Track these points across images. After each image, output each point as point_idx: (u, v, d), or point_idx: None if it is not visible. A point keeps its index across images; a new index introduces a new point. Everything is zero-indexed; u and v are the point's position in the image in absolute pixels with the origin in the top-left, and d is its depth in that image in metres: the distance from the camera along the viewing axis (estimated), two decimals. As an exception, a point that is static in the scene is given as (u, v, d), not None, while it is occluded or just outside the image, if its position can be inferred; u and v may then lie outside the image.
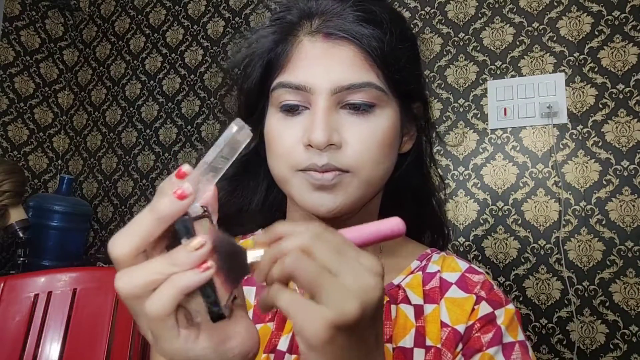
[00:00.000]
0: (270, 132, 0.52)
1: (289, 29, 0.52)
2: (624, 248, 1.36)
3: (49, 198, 1.92)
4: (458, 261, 0.59)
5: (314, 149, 0.48)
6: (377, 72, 0.49)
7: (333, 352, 0.30)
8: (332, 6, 0.51)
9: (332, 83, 0.48)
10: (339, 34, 0.49)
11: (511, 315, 0.55)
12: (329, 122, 0.48)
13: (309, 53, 0.50)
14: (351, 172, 0.49)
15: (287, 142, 0.50)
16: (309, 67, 0.49)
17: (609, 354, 1.33)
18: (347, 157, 0.48)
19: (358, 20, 0.49)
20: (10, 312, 0.99)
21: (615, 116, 1.41)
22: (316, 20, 0.51)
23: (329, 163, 0.48)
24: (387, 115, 0.51)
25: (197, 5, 2.10)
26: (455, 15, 1.66)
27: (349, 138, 0.49)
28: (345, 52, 0.49)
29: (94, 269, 1.50)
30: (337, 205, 0.49)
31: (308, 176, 0.49)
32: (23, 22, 2.11)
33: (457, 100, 1.62)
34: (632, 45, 1.42)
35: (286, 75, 0.50)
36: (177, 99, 2.07)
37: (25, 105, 2.11)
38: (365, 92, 0.49)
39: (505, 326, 0.53)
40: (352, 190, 0.49)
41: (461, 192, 1.57)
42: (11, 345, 0.97)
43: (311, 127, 0.48)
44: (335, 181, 0.48)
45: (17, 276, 1.08)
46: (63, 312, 1.03)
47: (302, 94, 0.49)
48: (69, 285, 1.06)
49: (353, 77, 0.48)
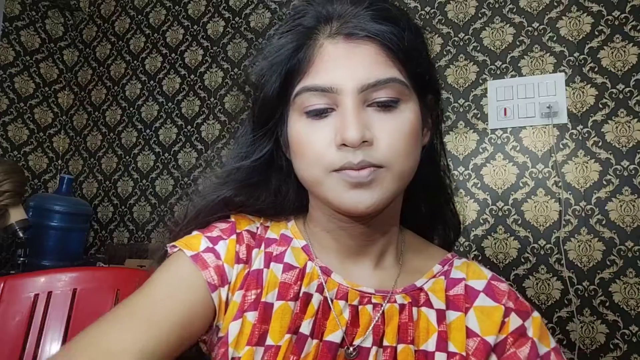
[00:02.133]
0: (298, 137, 0.53)
1: (307, 34, 0.53)
2: (624, 248, 1.36)
3: (49, 198, 1.92)
4: (482, 269, 0.60)
5: (347, 147, 0.48)
6: (399, 68, 0.51)
7: None
8: (348, 8, 0.52)
9: (358, 81, 0.49)
10: (360, 33, 0.50)
11: (539, 324, 0.55)
12: (360, 119, 0.49)
13: (332, 55, 0.51)
14: (385, 167, 0.50)
15: (318, 145, 0.50)
16: (334, 68, 0.50)
17: (609, 354, 1.33)
18: (380, 152, 0.49)
19: (375, 18, 0.50)
20: (10, 312, 0.99)
21: (615, 116, 1.41)
22: (335, 23, 0.52)
23: (364, 160, 0.48)
24: (411, 108, 0.52)
25: (197, 5, 2.10)
26: (455, 15, 1.66)
27: (379, 134, 0.50)
28: (368, 51, 0.50)
29: (94, 269, 1.50)
30: (374, 201, 0.50)
31: (344, 175, 0.49)
32: (23, 22, 2.11)
33: (457, 100, 1.62)
34: (632, 45, 1.42)
35: (310, 79, 0.51)
36: (177, 99, 2.08)
37: (25, 105, 2.11)
38: (390, 87, 0.50)
39: (537, 338, 0.54)
40: (388, 184, 0.50)
41: (461, 192, 1.57)
42: (11, 345, 0.97)
43: (343, 126, 0.48)
44: (372, 177, 0.49)
45: (17, 276, 1.08)
46: (63, 312, 1.03)
47: (329, 95, 0.50)
48: (69, 285, 1.06)
49: (378, 74, 0.49)
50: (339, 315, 0.53)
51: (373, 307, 0.54)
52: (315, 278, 0.56)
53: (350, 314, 0.53)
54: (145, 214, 2.05)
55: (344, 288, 0.55)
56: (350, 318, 0.53)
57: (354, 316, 0.53)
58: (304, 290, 0.54)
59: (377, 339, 0.52)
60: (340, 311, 0.53)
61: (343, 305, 0.54)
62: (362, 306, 0.54)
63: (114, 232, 2.11)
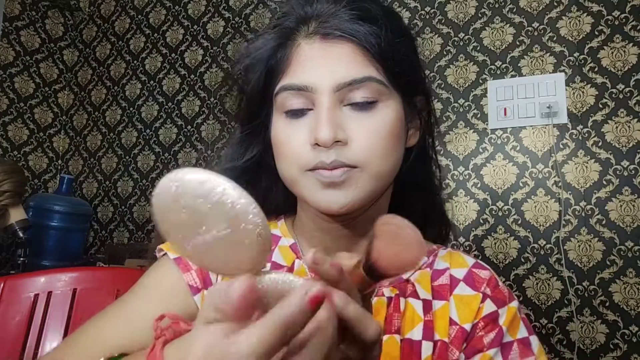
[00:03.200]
0: (277, 136, 0.53)
1: (287, 34, 0.53)
2: (624, 248, 1.36)
3: (49, 198, 1.92)
4: (464, 257, 0.60)
5: (320, 147, 0.49)
6: (376, 67, 0.50)
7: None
8: (327, 8, 0.52)
9: (334, 81, 0.49)
10: (335, 33, 0.50)
11: (513, 313, 0.56)
12: (334, 119, 0.49)
13: (308, 54, 0.51)
14: (359, 167, 0.49)
15: (295, 144, 0.51)
16: (310, 68, 0.50)
17: (609, 354, 1.33)
18: (354, 152, 0.49)
19: (353, 18, 0.50)
20: (10, 312, 0.99)
21: (615, 116, 1.41)
22: (313, 23, 0.52)
23: (337, 160, 0.48)
24: (391, 108, 0.51)
25: (197, 5, 2.10)
26: (455, 15, 1.66)
27: (354, 134, 0.49)
28: (344, 50, 0.50)
29: (94, 269, 1.50)
30: (348, 201, 0.49)
31: (317, 175, 0.49)
32: (23, 22, 2.11)
33: (457, 100, 1.62)
34: (632, 45, 1.42)
35: (288, 79, 0.51)
36: (177, 99, 2.07)
37: (25, 105, 2.11)
38: (366, 86, 0.49)
39: (506, 327, 0.54)
40: (362, 184, 0.50)
41: (461, 192, 1.57)
42: (11, 345, 0.97)
43: (316, 126, 0.49)
44: (344, 177, 0.49)
45: (17, 276, 1.07)
46: (63, 312, 1.03)
47: (306, 94, 0.50)
48: (69, 285, 1.05)
49: (353, 73, 0.49)
50: None
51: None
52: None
53: None
54: (145, 214, 2.05)
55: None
56: None
57: None
58: None
59: None
60: None
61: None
62: None
63: (114, 232, 2.11)
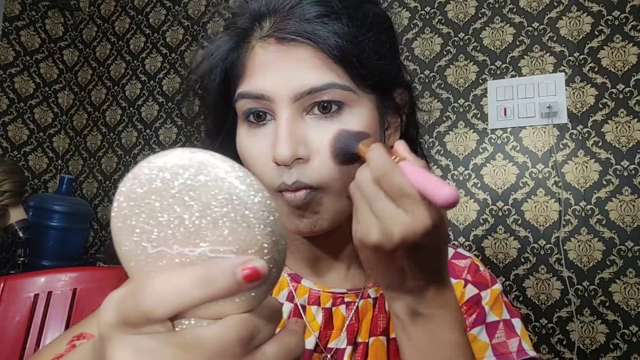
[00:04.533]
0: (240, 149, 0.49)
1: (240, 35, 0.49)
2: (624, 248, 1.36)
3: (49, 198, 1.92)
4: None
5: (281, 165, 0.44)
6: (339, 71, 0.45)
7: (363, 258, 0.40)
8: (282, 5, 0.46)
9: (291, 90, 0.44)
10: (290, 36, 0.45)
11: (496, 295, 0.55)
12: (294, 133, 0.44)
13: (263, 59, 0.46)
14: (327, 189, 0.45)
15: (258, 160, 0.46)
16: (265, 73, 0.45)
17: (609, 354, 1.33)
18: (315, 171, 0.45)
19: (312, 17, 0.45)
20: (10, 312, 0.99)
21: (615, 116, 1.41)
22: (267, 22, 0.47)
23: (298, 180, 0.44)
24: (360, 113, 0.46)
25: (197, 5, 2.10)
26: (455, 15, 1.66)
27: (317, 148, 0.45)
28: (302, 54, 0.45)
29: (94, 269, 1.50)
30: (317, 225, 0.47)
31: (283, 198, 0.46)
32: (23, 22, 2.11)
33: (457, 100, 1.61)
34: (632, 45, 1.42)
35: (244, 85, 0.47)
36: (177, 99, 2.07)
37: (25, 105, 2.11)
38: (328, 94, 0.44)
39: (489, 306, 0.54)
40: (328, 206, 0.46)
41: (461, 192, 1.57)
42: (11, 345, 0.97)
43: (275, 142, 0.44)
44: (308, 200, 0.45)
45: (17, 276, 1.07)
46: (63, 312, 1.03)
47: (263, 102, 0.46)
48: (69, 285, 1.06)
49: (313, 80, 0.44)
50: (312, 320, 0.53)
51: (346, 306, 0.53)
52: (285, 287, 0.55)
53: (324, 318, 0.53)
54: (145, 214, 2.05)
55: (315, 292, 0.54)
56: (323, 322, 0.52)
57: (327, 319, 0.53)
58: None
59: (351, 337, 0.52)
60: (312, 317, 0.53)
61: (315, 310, 0.53)
62: (335, 307, 0.53)
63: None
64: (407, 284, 0.39)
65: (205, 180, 0.24)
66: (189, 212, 0.24)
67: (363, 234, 0.37)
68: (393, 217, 0.35)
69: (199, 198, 0.24)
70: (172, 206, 0.24)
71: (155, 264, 0.25)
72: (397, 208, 0.35)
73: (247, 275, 0.23)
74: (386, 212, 0.36)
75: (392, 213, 0.35)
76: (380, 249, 0.36)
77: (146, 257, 0.25)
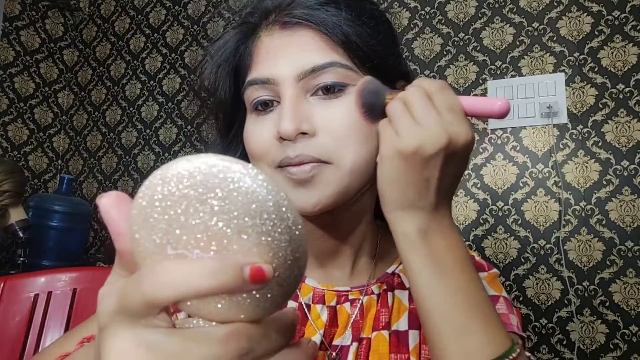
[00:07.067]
0: (246, 135, 0.51)
1: (250, 30, 0.52)
2: (624, 248, 1.36)
3: (49, 198, 1.92)
4: None
5: (287, 141, 0.46)
6: (340, 52, 0.48)
7: (386, 172, 0.42)
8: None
9: (295, 69, 0.47)
10: (292, 20, 0.48)
11: (493, 277, 0.57)
12: (297, 110, 0.46)
13: (269, 46, 0.49)
14: (333, 163, 0.46)
15: (262, 140, 0.48)
16: (271, 59, 0.48)
17: (609, 354, 1.33)
18: (322, 144, 0.46)
19: (312, 4, 0.49)
20: (10, 312, 0.99)
21: (615, 116, 1.41)
22: (272, 15, 0.51)
23: (303, 153, 0.45)
24: None
25: (197, 5, 2.10)
26: (455, 15, 1.66)
27: (322, 124, 0.46)
28: (304, 38, 0.48)
29: (94, 269, 1.50)
30: (321, 200, 0.46)
31: (286, 172, 0.46)
32: (23, 22, 2.11)
33: (457, 100, 1.61)
34: (632, 45, 1.42)
35: (252, 74, 0.50)
36: (177, 99, 2.07)
37: (25, 105, 2.11)
38: (330, 72, 0.47)
39: (487, 282, 0.55)
40: (334, 180, 0.46)
41: (461, 192, 1.57)
42: (11, 345, 0.97)
43: (279, 118, 0.46)
44: (314, 173, 0.46)
45: (17, 276, 1.07)
46: (63, 312, 1.03)
47: (270, 87, 0.48)
48: (69, 285, 1.06)
49: (315, 59, 0.47)
50: (316, 319, 0.53)
51: (351, 303, 0.54)
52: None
53: (329, 315, 0.53)
54: (145, 214, 2.05)
55: (320, 291, 0.54)
56: (328, 319, 0.53)
57: (332, 317, 0.53)
58: None
59: (356, 334, 0.52)
60: (317, 315, 0.53)
61: (320, 308, 0.54)
62: (339, 305, 0.54)
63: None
64: (424, 199, 0.41)
65: (237, 190, 0.24)
66: (215, 218, 0.24)
67: (403, 140, 0.40)
68: (440, 126, 0.39)
69: (227, 206, 0.24)
70: (197, 211, 0.24)
71: None
72: (443, 119, 0.40)
73: (253, 274, 0.23)
74: (432, 120, 0.39)
75: (439, 122, 0.39)
76: (417, 154, 0.39)
77: (164, 258, 0.25)
